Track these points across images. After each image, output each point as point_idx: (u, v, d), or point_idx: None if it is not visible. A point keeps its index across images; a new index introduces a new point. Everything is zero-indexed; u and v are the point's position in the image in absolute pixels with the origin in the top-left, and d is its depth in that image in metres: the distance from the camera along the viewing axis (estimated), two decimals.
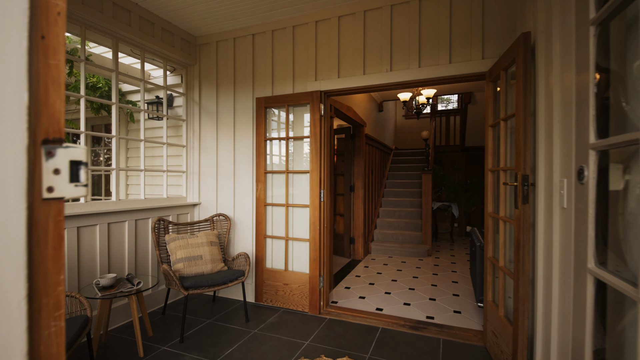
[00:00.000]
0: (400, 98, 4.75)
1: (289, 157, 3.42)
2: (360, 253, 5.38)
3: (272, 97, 3.41)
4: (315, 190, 3.21)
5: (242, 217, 3.67)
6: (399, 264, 5.07)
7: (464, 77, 2.84)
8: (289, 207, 3.40)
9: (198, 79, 3.91)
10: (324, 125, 3.30)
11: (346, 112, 4.42)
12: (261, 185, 3.46)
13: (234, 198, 3.71)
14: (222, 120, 3.79)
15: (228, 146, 3.75)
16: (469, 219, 7.50)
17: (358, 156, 5.40)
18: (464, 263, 5.19)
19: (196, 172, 3.90)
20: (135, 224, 3.21)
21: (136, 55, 3.49)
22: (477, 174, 7.47)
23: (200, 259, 3.12)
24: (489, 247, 2.64)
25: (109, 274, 2.61)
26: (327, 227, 3.35)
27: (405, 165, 7.55)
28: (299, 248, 3.37)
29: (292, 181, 3.41)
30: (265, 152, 3.49)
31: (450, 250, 6.04)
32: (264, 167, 3.47)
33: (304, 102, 3.27)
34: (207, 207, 3.85)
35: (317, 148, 3.20)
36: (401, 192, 6.80)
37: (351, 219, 5.45)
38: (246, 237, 3.65)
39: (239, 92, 3.70)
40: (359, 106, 5.30)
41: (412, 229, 6.03)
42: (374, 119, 6.42)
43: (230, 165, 3.73)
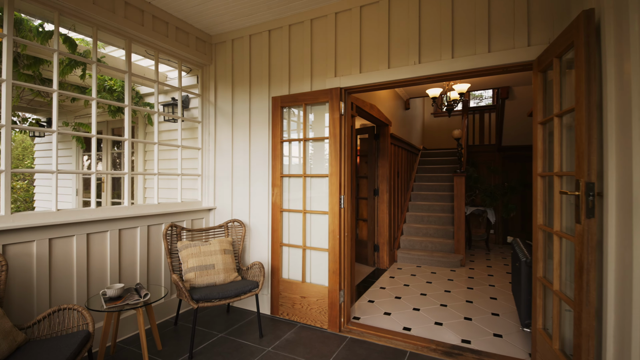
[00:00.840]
0: (430, 94, 4.37)
1: (307, 160, 3.17)
2: (385, 261, 5.04)
3: (288, 95, 3.17)
4: (334, 196, 2.94)
5: (258, 224, 3.46)
6: (429, 275, 4.68)
7: (506, 67, 2.47)
8: (306, 214, 3.15)
9: (214, 79, 3.76)
10: (345, 125, 3.02)
11: (369, 110, 4.11)
12: (277, 189, 3.24)
13: (249, 203, 3.52)
14: (238, 121, 3.61)
15: (243, 149, 3.56)
16: (506, 225, 6.91)
17: (382, 157, 5.06)
18: (503, 276, 4.71)
19: (211, 175, 3.75)
20: (147, 230, 3.09)
21: (150, 56, 3.38)
22: (516, 176, 6.88)
23: (212, 268, 2.94)
24: (539, 266, 2.25)
25: (117, 284, 2.48)
26: (347, 237, 3.07)
27: (434, 166, 7.10)
28: (318, 258, 3.11)
29: (310, 186, 3.16)
30: (282, 155, 3.26)
31: (487, 260, 5.54)
32: (280, 170, 3.24)
33: (322, 101, 3.01)
34: (222, 212, 3.69)
35: (337, 150, 2.93)
36: (430, 195, 6.36)
37: (375, 225, 5.12)
38: (262, 245, 3.44)
39: (254, 92, 3.50)
40: (383, 104, 4.96)
41: (442, 236, 5.60)
42: (399, 117, 6.05)
43: (245, 168, 3.55)
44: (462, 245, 5.19)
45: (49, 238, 2.38)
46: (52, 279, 2.41)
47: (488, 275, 4.73)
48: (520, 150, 6.83)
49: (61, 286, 2.47)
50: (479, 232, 7.10)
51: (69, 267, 2.51)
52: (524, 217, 6.80)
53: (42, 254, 2.33)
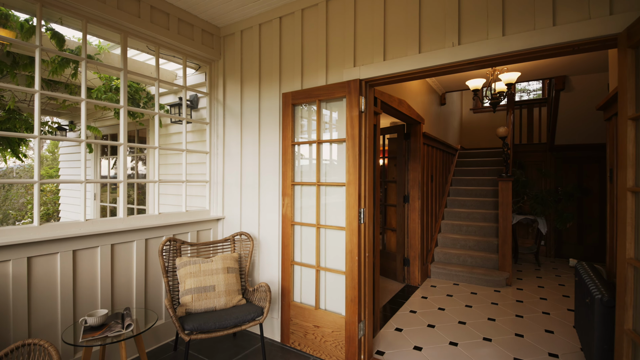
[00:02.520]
0: (470, 86, 3.75)
1: (321, 166, 2.72)
2: (417, 277, 4.46)
3: (300, 91, 2.73)
4: (352, 210, 2.46)
5: (268, 237, 3.07)
6: (468, 297, 4.04)
7: (577, 45, 1.86)
8: (320, 229, 2.69)
9: (222, 76, 3.42)
10: (366, 124, 2.53)
11: (397, 106, 3.57)
12: (288, 199, 2.81)
13: (258, 213, 3.13)
14: (247, 122, 3.23)
15: (252, 152, 3.18)
16: (559, 236, 6.02)
17: (413, 160, 4.48)
18: (559, 300, 3.97)
19: (220, 181, 3.41)
20: (145, 245, 2.79)
21: (152, 51, 3.09)
22: (572, 180, 5.96)
23: (212, 290, 2.58)
24: (628, 314, 1.63)
25: (100, 311, 2.18)
26: (369, 257, 2.58)
27: (473, 168, 6.35)
28: (334, 281, 2.65)
29: (324, 195, 2.70)
30: (294, 159, 2.84)
31: (537, 279, 4.77)
32: (292, 177, 2.82)
33: (339, 96, 2.53)
34: (231, 223, 3.33)
35: (356, 154, 2.44)
36: (469, 202, 5.66)
37: (405, 236, 4.56)
38: (272, 261, 3.04)
39: (264, 88, 3.10)
40: (414, 99, 4.38)
41: (484, 250, 4.90)
42: (434, 114, 5.41)
43: (254, 174, 3.16)
44: (509, 261, 4.48)
45: (27, 257, 2.12)
46: (31, 302, 2.15)
47: (540, 298, 4.01)
48: (576, 150, 5.91)
49: (42, 311, 2.20)
50: (526, 244, 6.27)
51: (52, 289, 2.25)
52: (581, 229, 5.88)
53: (18, 274, 2.08)
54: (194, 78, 3.73)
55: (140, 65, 3.70)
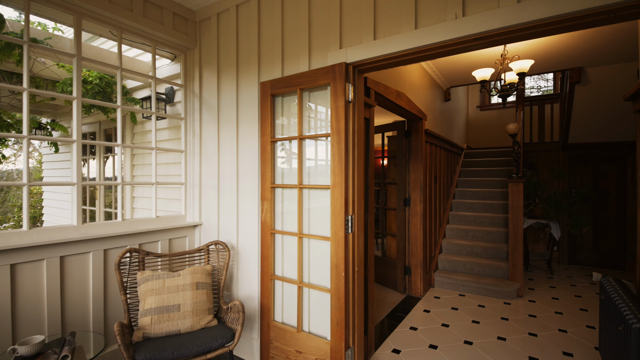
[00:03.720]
0: (477, 77, 3.36)
1: (304, 166, 2.35)
2: (419, 288, 4.07)
3: (280, 79, 2.37)
4: (338, 217, 2.08)
5: (248, 246, 2.70)
6: (475, 310, 3.64)
7: (616, 9, 1.47)
8: (302, 238, 2.33)
9: (199, 66, 3.07)
10: (354, 117, 2.16)
11: (395, 99, 3.19)
12: (267, 204, 2.45)
13: (237, 220, 2.77)
14: (224, 116, 2.88)
15: (230, 151, 2.82)
16: (573, 241, 5.58)
17: (415, 159, 4.09)
18: (575, 314, 3.55)
19: (197, 183, 3.06)
20: (104, 257, 2.45)
21: (115, 37, 2.75)
22: (586, 181, 5.53)
23: (176, 310, 2.22)
24: None
25: (34, 337, 1.83)
26: (359, 272, 2.20)
27: (481, 169, 5.94)
28: (318, 300, 2.27)
29: (307, 200, 2.34)
30: (273, 159, 2.47)
31: (550, 289, 4.35)
32: (271, 179, 2.45)
33: (322, 83, 2.17)
34: (209, 230, 2.98)
35: (342, 151, 2.07)
36: (476, 204, 5.25)
37: (406, 242, 4.17)
38: (252, 274, 2.68)
39: (243, 78, 2.75)
40: (415, 93, 4.00)
41: (493, 257, 4.50)
42: (437, 110, 5.02)
43: (233, 175, 2.80)
44: (520, 270, 4.07)
45: None
46: None
47: (555, 312, 3.60)
48: (592, 149, 5.47)
49: None
50: (537, 249, 5.84)
51: None
52: (597, 234, 5.44)
53: None
54: (169, 69, 3.38)
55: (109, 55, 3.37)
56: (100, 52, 3.33)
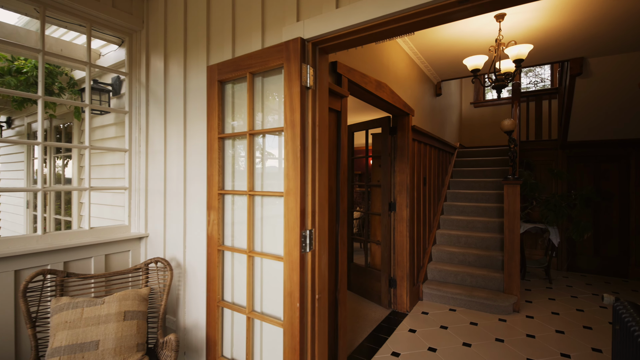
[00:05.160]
0: (469, 66, 2.95)
1: (255, 167, 1.92)
2: (405, 302, 3.66)
3: (227, 62, 1.94)
4: (292, 232, 1.66)
5: (196, 265, 2.27)
6: (467, 329, 3.24)
7: None
8: (253, 257, 1.90)
9: (145, 51, 2.62)
10: (315, 107, 1.73)
11: (375, 90, 2.77)
12: (214, 214, 2.02)
13: (184, 231, 2.34)
14: (171, 108, 2.44)
15: (178, 149, 2.39)
16: (572, 246, 5.21)
17: (401, 159, 3.68)
18: (579, 333, 3.16)
19: (142, 188, 2.62)
20: (15, 279, 2.00)
21: (38, 14, 2.30)
22: (587, 182, 5.16)
23: (94, 348, 1.79)
24: None
25: None
26: (321, 301, 1.78)
27: (474, 169, 5.55)
28: (272, 334, 1.85)
29: (260, 209, 1.91)
30: (222, 158, 2.04)
31: (550, 302, 3.97)
32: (219, 183, 2.02)
33: (275, 65, 1.74)
34: (156, 243, 2.54)
35: (297, 150, 1.65)
36: (469, 208, 4.85)
37: (391, 251, 3.76)
38: (200, 298, 2.25)
39: (191, 63, 2.31)
40: (401, 85, 3.59)
41: (487, 266, 4.10)
42: (427, 105, 4.61)
43: (180, 178, 2.37)
44: (516, 281, 3.68)
45: None
46: None
47: (556, 331, 3.21)
48: (593, 148, 5.11)
49: None
50: (534, 255, 5.47)
51: None
52: (598, 238, 5.08)
53: None
54: (116, 55, 2.94)
55: (53, 43, 2.92)
56: (47, 39, 2.87)
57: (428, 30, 3.27)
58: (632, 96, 4.21)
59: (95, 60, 3.19)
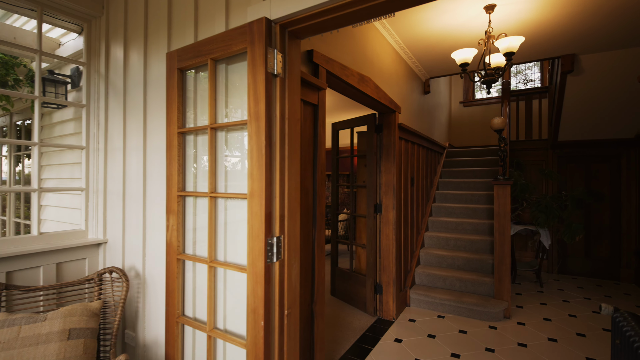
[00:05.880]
0: (457, 59, 2.78)
1: (217, 166, 1.70)
2: (392, 309, 3.47)
3: (188, 47, 1.72)
4: (256, 240, 1.44)
5: (155, 274, 2.05)
6: (456, 338, 3.07)
7: None
8: (214, 268, 1.68)
9: (105, 39, 2.38)
10: (284, 98, 1.53)
11: (357, 84, 2.57)
12: (174, 218, 1.79)
13: (143, 237, 2.11)
14: (131, 101, 2.21)
15: (137, 146, 2.16)
16: (563, 248, 5.10)
17: (387, 159, 3.50)
18: (572, 342, 3.02)
19: (101, 189, 2.37)
20: None
21: None
22: (578, 183, 5.06)
23: None
24: None
25: None
26: (291, 317, 1.57)
27: (464, 169, 5.41)
28: (236, 355, 1.63)
29: (223, 213, 1.69)
30: (182, 156, 1.82)
31: (541, 307, 3.83)
32: (179, 184, 1.80)
33: (238, 49, 1.53)
34: (116, 249, 2.29)
35: (262, 146, 1.44)
36: (458, 209, 4.70)
37: (377, 255, 3.57)
38: (160, 312, 2.02)
39: (151, 49, 2.08)
40: (386, 80, 3.40)
41: (476, 270, 3.95)
42: (415, 103, 4.44)
43: (139, 178, 2.14)
44: (507, 286, 3.53)
45: None
46: None
47: (548, 339, 3.06)
48: (585, 148, 5.02)
49: None
50: (524, 258, 5.35)
51: None
52: (589, 240, 4.98)
53: None
54: (75, 44, 2.69)
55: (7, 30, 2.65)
56: None
57: (414, 22, 3.09)
58: (624, 95, 4.11)
59: (55, 50, 2.93)
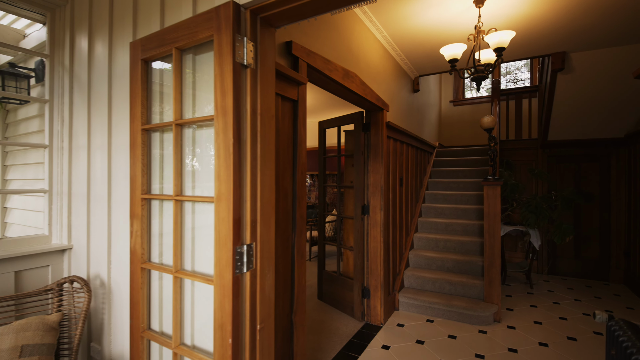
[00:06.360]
0: (446, 55, 2.67)
1: (184, 166, 1.56)
2: (379, 314, 3.36)
3: (152, 36, 1.57)
4: (224, 248, 1.31)
5: (121, 283, 1.89)
6: (445, 343, 2.97)
7: None
8: (180, 279, 1.53)
9: (70, 30, 2.21)
10: (256, 90, 1.39)
11: (342, 80, 2.44)
12: (138, 224, 1.64)
13: (108, 243, 1.95)
14: (96, 95, 2.04)
15: (102, 144, 1.99)
16: (553, 250, 5.07)
17: (374, 158, 3.38)
18: (563, 346, 2.94)
19: (65, 191, 2.20)
20: None
21: None
22: (568, 183, 5.03)
23: None
24: None
25: None
26: (264, 332, 1.44)
27: (454, 169, 5.33)
28: None
29: (190, 218, 1.54)
30: (148, 155, 1.66)
31: (531, 309, 3.76)
32: (144, 185, 1.64)
33: (204, 37, 1.38)
34: (81, 256, 2.12)
35: (230, 144, 1.30)
36: (448, 210, 4.62)
37: (365, 258, 3.45)
38: (127, 325, 1.86)
39: (117, 40, 1.92)
40: (374, 77, 3.29)
41: (466, 272, 3.86)
42: (404, 101, 4.34)
43: (104, 179, 1.98)
44: (497, 289, 3.44)
45: None
46: None
47: (539, 344, 2.98)
48: (574, 147, 4.98)
49: None
50: (514, 258, 5.30)
51: None
52: (579, 241, 4.95)
53: None
54: (39, 35, 2.51)
55: None
56: None
57: (401, 16, 2.98)
58: (614, 93, 4.07)
59: (19, 42, 2.74)
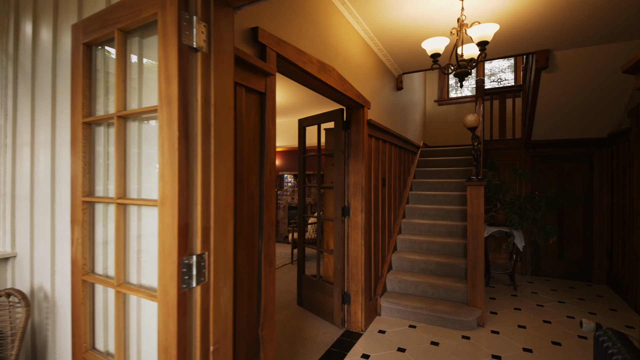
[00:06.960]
0: (428, 50, 2.55)
1: (129, 165, 1.37)
2: (360, 320, 3.22)
3: (94, 17, 1.38)
4: (169, 259, 1.13)
5: (66, 297, 1.68)
6: (427, 351, 2.85)
7: None
8: (124, 294, 1.35)
9: (14, 14, 1.99)
10: (211, 78, 1.22)
11: (318, 73, 2.29)
12: (79, 230, 1.44)
13: (52, 251, 1.74)
14: (40, 85, 1.83)
15: (46, 140, 1.79)
16: (537, 251, 5.04)
17: (355, 158, 3.24)
18: (548, 351, 2.86)
19: (9, 192, 1.97)
20: None
21: None
22: (552, 183, 5.01)
23: None
24: None
25: None
26: (222, 351, 1.27)
27: (438, 169, 5.25)
28: None
29: (136, 224, 1.36)
30: (90, 152, 1.47)
31: (515, 312, 3.69)
32: (85, 186, 1.45)
33: (149, 16, 1.20)
34: (24, 266, 1.91)
35: (175, 139, 1.12)
36: (432, 211, 4.53)
37: (345, 262, 3.31)
38: (70, 343, 1.66)
39: (62, 23, 1.72)
40: (354, 72, 3.14)
41: (450, 275, 3.76)
42: (386, 99, 4.22)
43: (47, 178, 1.77)
44: (480, 293, 3.35)
45: None
46: None
47: (523, 349, 2.89)
48: (558, 147, 4.96)
49: None
50: (498, 259, 5.25)
51: None
52: (562, 241, 4.93)
53: None
54: None
55: None
56: None
57: (381, 8, 2.85)
58: (597, 93, 4.05)
59: None
